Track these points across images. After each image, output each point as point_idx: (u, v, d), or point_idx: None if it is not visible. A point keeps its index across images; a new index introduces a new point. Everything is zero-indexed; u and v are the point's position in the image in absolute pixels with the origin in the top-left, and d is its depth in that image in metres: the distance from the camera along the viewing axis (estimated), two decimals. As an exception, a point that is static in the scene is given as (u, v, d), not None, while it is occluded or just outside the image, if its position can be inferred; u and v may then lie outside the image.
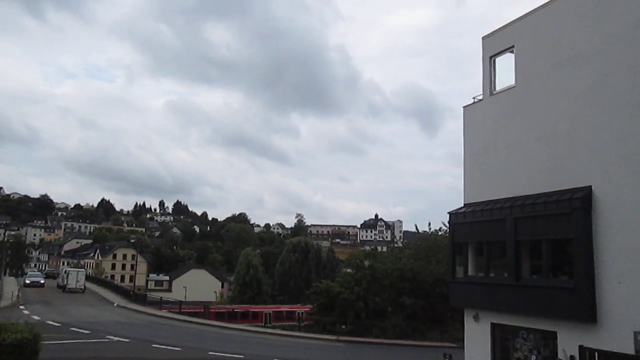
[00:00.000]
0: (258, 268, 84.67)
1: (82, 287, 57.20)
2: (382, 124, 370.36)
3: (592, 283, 12.05)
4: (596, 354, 10.61)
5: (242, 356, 23.20)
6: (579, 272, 12.32)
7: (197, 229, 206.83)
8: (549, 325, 13.14)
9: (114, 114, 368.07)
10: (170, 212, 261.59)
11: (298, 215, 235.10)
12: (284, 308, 58.77)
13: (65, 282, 57.48)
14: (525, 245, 14.27)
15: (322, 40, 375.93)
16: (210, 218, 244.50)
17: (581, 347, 11.14)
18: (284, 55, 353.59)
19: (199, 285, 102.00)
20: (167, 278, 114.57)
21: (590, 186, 12.46)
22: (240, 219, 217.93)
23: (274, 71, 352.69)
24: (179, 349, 23.64)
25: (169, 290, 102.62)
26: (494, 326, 15.18)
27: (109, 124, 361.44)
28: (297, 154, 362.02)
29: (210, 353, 23.18)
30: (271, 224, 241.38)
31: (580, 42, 13.20)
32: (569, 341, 12.29)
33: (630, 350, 10.37)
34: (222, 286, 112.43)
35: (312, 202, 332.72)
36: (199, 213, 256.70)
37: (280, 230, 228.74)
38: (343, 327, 39.68)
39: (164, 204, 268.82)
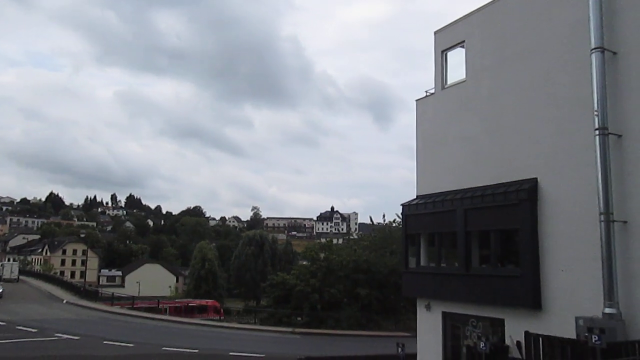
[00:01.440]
0: (213, 262, 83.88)
1: (16, 277, 70.44)
2: (336, 117, 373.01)
3: (537, 271, 12.49)
4: (540, 339, 11.01)
5: (196, 350, 23.04)
6: (525, 261, 12.74)
7: (150, 223, 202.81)
8: (497, 313, 13.55)
9: (59, 104, 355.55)
10: (123, 205, 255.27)
11: (254, 208, 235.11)
12: (191, 302, 54.19)
13: (1, 273, 69.84)
14: (474, 236, 14.64)
15: (275, 30, 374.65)
16: (164, 211, 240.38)
17: (526, 333, 11.54)
18: (235, 45, 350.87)
19: (153, 280, 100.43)
20: (120, 273, 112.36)
21: (536, 178, 12.87)
22: (195, 213, 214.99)
23: (226, 61, 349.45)
24: (132, 345, 23.24)
25: (122, 285, 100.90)
26: (445, 315, 15.54)
27: (55, 114, 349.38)
28: (251, 146, 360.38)
29: (164, 348, 22.90)
30: (227, 217, 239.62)
31: (526, 39, 13.58)
32: (515, 327, 12.69)
33: (572, 334, 10.81)
34: (177, 280, 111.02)
35: (267, 194, 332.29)
36: (153, 206, 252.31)
37: (236, 224, 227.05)
38: (299, 319, 39.86)
39: (116, 197, 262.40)
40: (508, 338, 12.90)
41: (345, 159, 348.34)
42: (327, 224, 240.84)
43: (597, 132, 11.05)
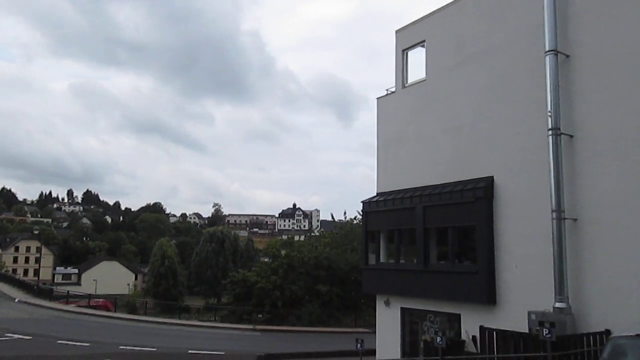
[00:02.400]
0: (173, 259, 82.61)
1: None
2: (298, 114, 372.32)
3: (492, 267, 12.82)
4: (494, 333, 11.32)
5: (155, 349, 22.66)
6: (481, 258, 13.05)
7: (108, 219, 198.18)
8: (453, 308, 13.85)
9: (11, 96, 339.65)
10: (80, 201, 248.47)
11: (215, 204, 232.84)
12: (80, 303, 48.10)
13: None
14: (433, 233, 14.91)
15: (236, 24, 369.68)
16: (123, 208, 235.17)
17: (481, 327, 11.84)
18: (196, 39, 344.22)
19: (110, 277, 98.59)
20: (76, 271, 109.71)
21: (492, 176, 13.20)
22: (155, 209, 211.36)
23: (187, 55, 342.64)
24: (88, 344, 22.66)
25: (78, 283, 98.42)
26: (403, 311, 15.77)
27: (6, 106, 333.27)
28: (212, 142, 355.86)
29: (121, 347, 22.42)
30: (188, 214, 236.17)
31: (484, 40, 13.89)
32: (471, 322, 13.00)
33: (525, 328, 11.15)
34: (136, 278, 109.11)
35: (229, 191, 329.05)
36: (111, 202, 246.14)
37: (197, 220, 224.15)
38: (260, 316, 39.69)
39: (72, 193, 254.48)
40: (464, 333, 13.19)
41: (307, 156, 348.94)
42: (289, 220, 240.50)
43: (550, 132, 11.39)
